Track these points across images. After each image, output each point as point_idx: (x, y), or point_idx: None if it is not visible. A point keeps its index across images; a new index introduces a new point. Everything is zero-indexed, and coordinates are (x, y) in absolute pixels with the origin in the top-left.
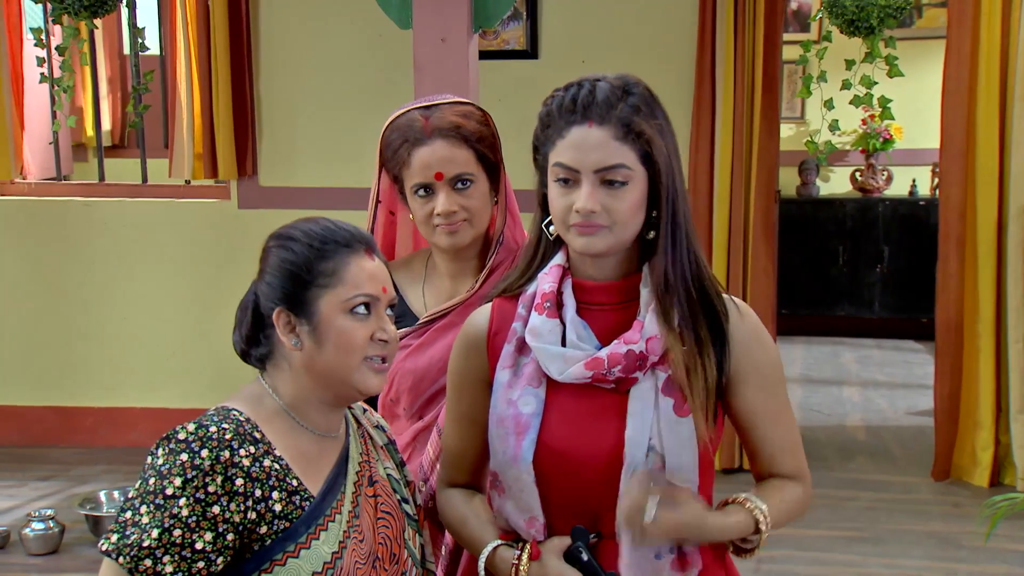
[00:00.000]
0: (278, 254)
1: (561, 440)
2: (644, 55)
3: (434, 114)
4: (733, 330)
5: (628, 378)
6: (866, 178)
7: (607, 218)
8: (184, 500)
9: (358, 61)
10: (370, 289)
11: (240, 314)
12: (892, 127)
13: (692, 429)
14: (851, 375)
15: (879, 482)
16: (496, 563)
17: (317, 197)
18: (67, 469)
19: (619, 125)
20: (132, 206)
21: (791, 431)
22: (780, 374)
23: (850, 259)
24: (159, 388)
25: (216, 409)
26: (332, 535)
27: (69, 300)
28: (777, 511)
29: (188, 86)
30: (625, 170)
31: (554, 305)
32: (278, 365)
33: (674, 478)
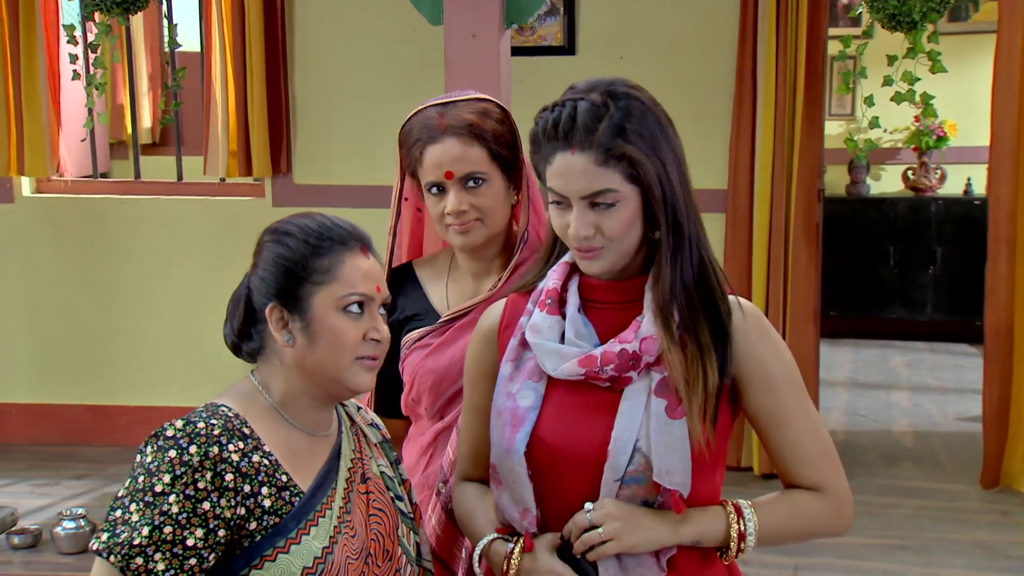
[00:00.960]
0: (273, 249)
1: (554, 435)
2: (683, 50)
3: (450, 111)
4: (736, 331)
5: (622, 377)
6: (918, 177)
7: (602, 239)
8: (174, 497)
9: (393, 57)
10: (364, 288)
11: (232, 307)
12: (946, 124)
13: (685, 432)
14: (900, 379)
15: (924, 489)
16: (490, 555)
17: (352, 195)
18: (101, 468)
19: (600, 150)
20: (167, 204)
21: (809, 438)
22: (790, 377)
23: (901, 260)
24: (194, 387)
25: (205, 405)
26: (322, 530)
27: (104, 298)
28: (778, 521)
29: (223, 83)
30: (612, 193)
31: (556, 302)
32: (269, 360)
33: (663, 480)
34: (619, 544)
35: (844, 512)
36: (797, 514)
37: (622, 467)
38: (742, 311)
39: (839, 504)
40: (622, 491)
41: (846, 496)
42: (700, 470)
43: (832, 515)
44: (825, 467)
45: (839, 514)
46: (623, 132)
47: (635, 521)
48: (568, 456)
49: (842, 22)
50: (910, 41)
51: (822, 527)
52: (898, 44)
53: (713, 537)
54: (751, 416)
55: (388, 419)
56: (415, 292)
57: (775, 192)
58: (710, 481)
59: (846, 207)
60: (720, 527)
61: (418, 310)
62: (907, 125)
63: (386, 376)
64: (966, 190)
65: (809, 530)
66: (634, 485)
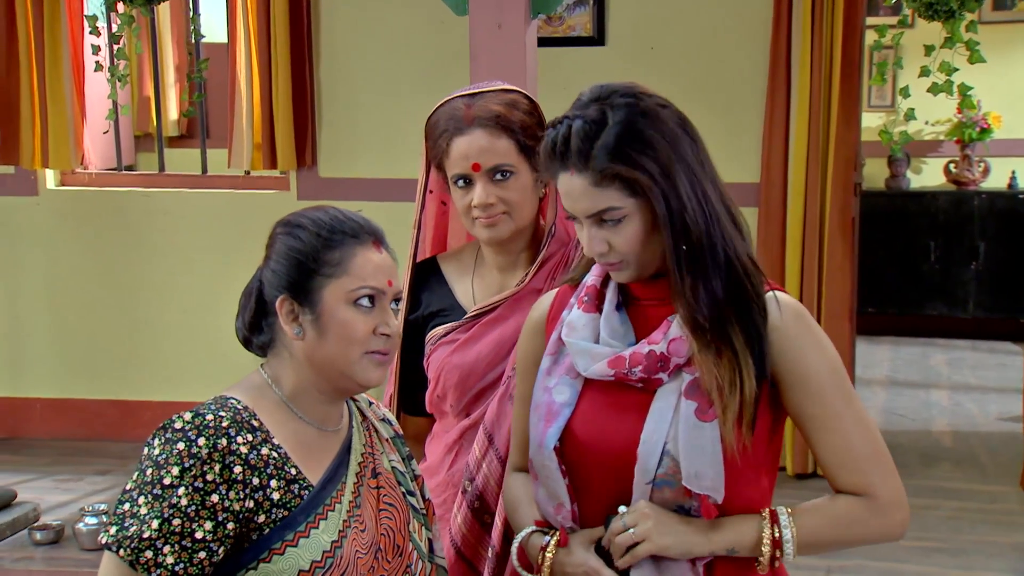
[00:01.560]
0: (285, 241)
1: (586, 433)
2: (716, 40)
3: (477, 102)
4: (772, 331)
5: (652, 379)
6: (961, 170)
7: (616, 254)
8: (183, 489)
9: (419, 48)
10: (375, 282)
11: (244, 300)
12: (990, 116)
13: (716, 435)
14: (940, 378)
15: (963, 491)
16: (528, 548)
17: (377, 188)
18: (124, 464)
19: (594, 172)
20: (192, 197)
21: (855, 441)
22: (833, 376)
23: (942, 255)
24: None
25: (214, 398)
26: (332, 524)
27: (128, 292)
28: (818, 528)
29: (247, 75)
30: (614, 211)
31: (594, 299)
32: (279, 354)
33: (691, 484)
34: (651, 545)
35: (895, 518)
36: (840, 521)
37: (652, 469)
38: (779, 309)
39: (889, 510)
40: (654, 494)
41: (897, 501)
42: (738, 476)
43: (880, 522)
44: (873, 471)
45: (889, 521)
46: (619, 152)
47: (668, 523)
48: (599, 455)
49: (880, 11)
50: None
51: (870, 534)
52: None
53: (748, 545)
54: (793, 418)
55: (412, 416)
56: (440, 287)
57: (809, 186)
58: (752, 487)
59: (885, 201)
60: (754, 535)
61: (443, 306)
62: (949, 117)
63: (410, 372)
64: (1011, 184)
65: (855, 537)
66: (665, 488)
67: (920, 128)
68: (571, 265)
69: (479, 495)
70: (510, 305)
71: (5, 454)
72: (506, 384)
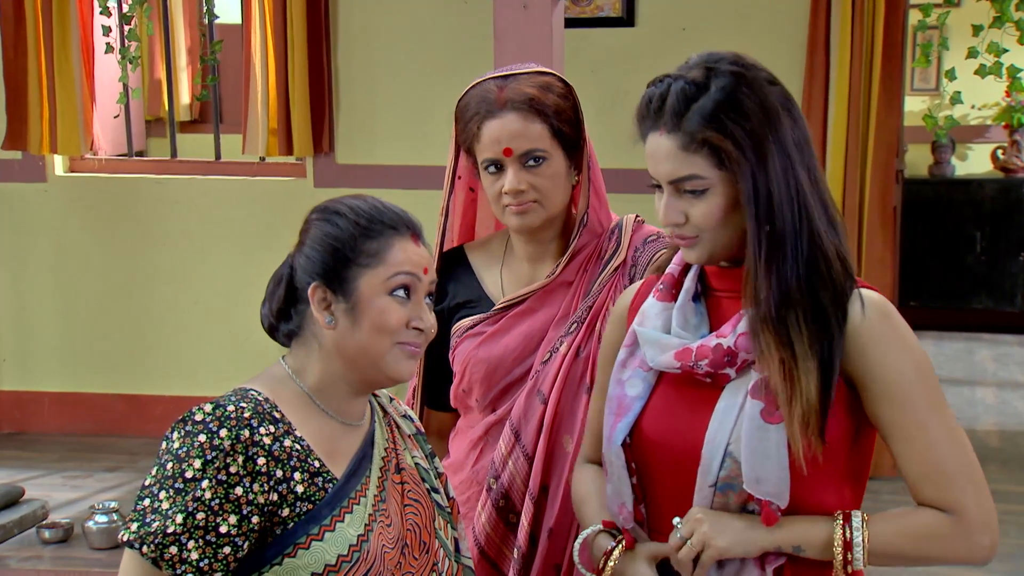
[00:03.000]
0: (321, 227)
1: (655, 430)
2: (750, 20)
3: (510, 85)
4: (850, 332)
5: (720, 374)
6: (1009, 156)
7: (692, 228)
8: (207, 482)
9: (440, 30)
10: (411, 269)
11: (272, 286)
12: None
13: (783, 438)
14: (986, 374)
15: (1011, 493)
16: (592, 548)
17: (397, 176)
18: (134, 460)
19: (685, 135)
20: (205, 184)
21: (938, 453)
22: (918, 383)
23: (989, 246)
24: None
25: (234, 390)
26: (357, 518)
27: (139, 282)
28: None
29: (263, 58)
30: (697, 180)
31: (670, 288)
32: (307, 344)
33: (753, 489)
34: (712, 550)
35: (981, 542)
36: (917, 534)
37: (715, 471)
38: (862, 310)
39: (973, 531)
40: (716, 498)
41: (983, 522)
42: (810, 484)
43: (964, 543)
44: (957, 487)
45: (973, 544)
46: (715, 118)
47: (724, 523)
48: (667, 454)
49: None
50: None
51: (950, 554)
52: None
53: (815, 544)
54: (875, 425)
55: (436, 411)
56: (467, 278)
57: (848, 173)
58: (829, 496)
59: (929, 189)
60: (823, 534)
61: (470, 297)
62: (996, 101)
63: (434, 366)
64: None
65: (932, 555)
66: (729, 492)
67: (966, 112)
68: (604, 257)
69: (504, 493)
70: (539, 297)
71: (12, 449)
72: (534, 379)
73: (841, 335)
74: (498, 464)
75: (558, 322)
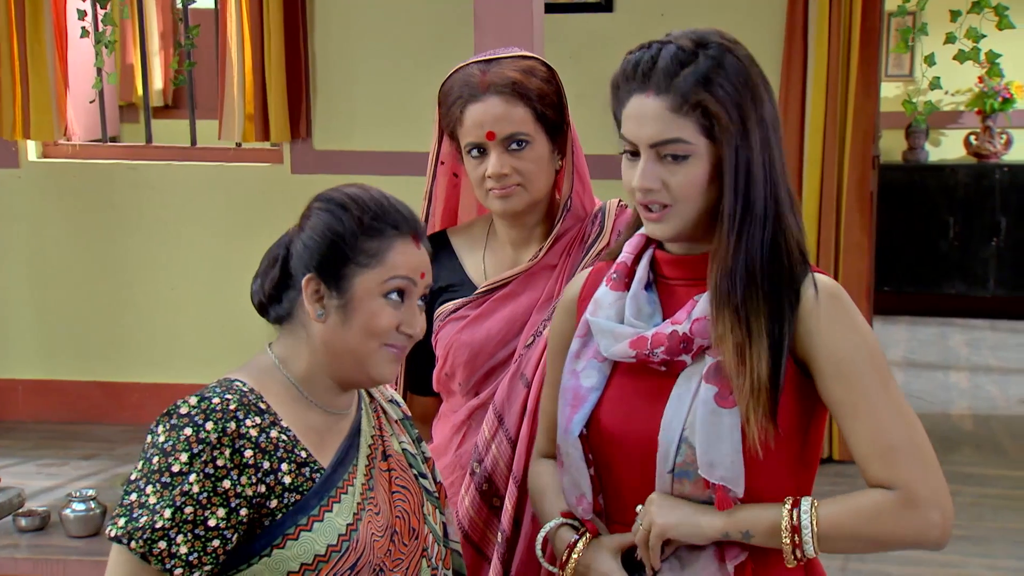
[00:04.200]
0: (324, 218)
1: (611, 420)
2: (729, 6)
3: (492, 68)
4: (802, 315)
5: (676, 361)
6: (981, 142)
7: (668, 196)
8: (194, 476)
9: (419, 14)
10: (409, 273)
11: (266, 265)
12: (1013, 85)
13: (736, 423)
14: (959, 359)
15: (985, 476)
16: (555, 541)
17: (375, 162)
18: (111, 448)
19: (677, 96)
20: (180, 170)
21: (888, 433)
22: (868, 363)
23: (962, 232)
24: (209, 363)
25: (218, 381)
26: (346, 507)
27: (114, 269)
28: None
29: (239, 42)
30: (683, 144)
31: (623, 277)
32: (294, 332)
33: (707, 474)
34: (656, 528)
35: (926, 516)
36: (863, 513)
37: (671, 458)
38: (815, 292)
39: (920, 507)
40: (675, 485)
41: (935, 500)
42: (763, 469)
43: (910, 518)
44: (907, 465)
45: (922, 520)
46: (706, 82)
47: (671, 504)
48: (623, 443)
49: None
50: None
51: (900, 532)
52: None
53: (763, 529)
54: (828, 406)
55: (419, 396)
56: (450, 262)
57: (826, 158)
58: (783, 483)
59: (902, 175)
60: (771, 519)
61: (453, 281)
62: (969, 87)
63: (418, 350)
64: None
65: (881, 533)
66: (685, 480)
67: (939, 98)
68: (587, 241)
69: (488, 477)
70: (522, 281)
71: None
72: (517, 363)
73: (792, 317)
74: (481, 448)
75: (541, 306)
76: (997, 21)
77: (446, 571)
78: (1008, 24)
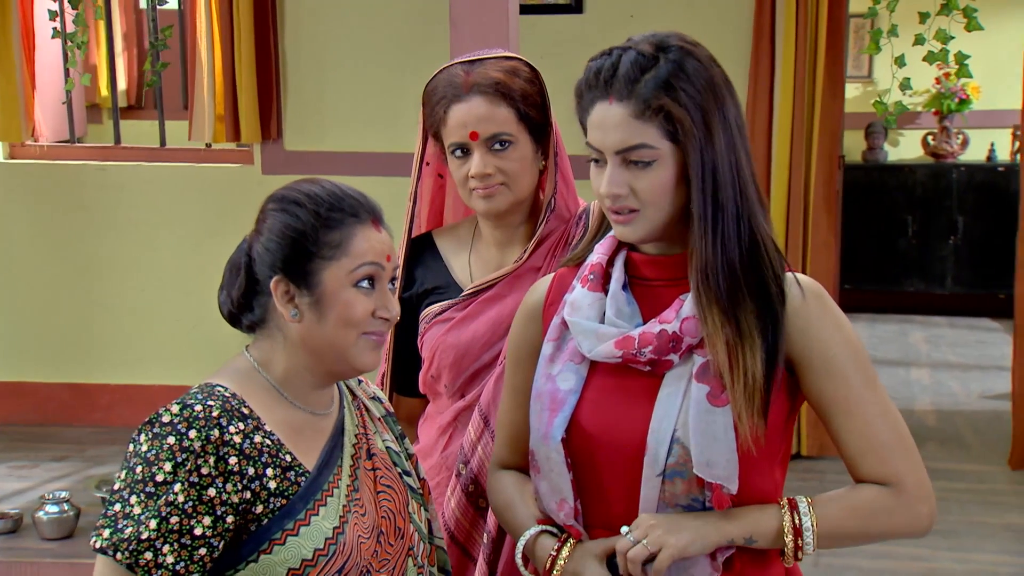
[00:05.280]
0: (280, 218)
1: (593, 422)
2: (697, 8)
3: (476, 69)
4: (790, 313)
5: (662, 361)
6: (939, 142)
7: (636, 201)
8: (179, 486)
9: (393, 15)
10: (375, 258)
11: (230, 275)
12: (969, 86)
13: (729, 421)
14: (920, 355)
15: (950, 471)
16: (536, 550)
17: (347, 162)
18: (82, 449)
19: (639, 102)
20: (150, 171)
21: (876, 427)
22: (854, 360)
23: (920, 230)
24: (180, 364)
25: (199, 387)
26: (331, 510)
27: (83, 270)
28: (838, 519)
29: (209, 42)
30: (647, 150)
31: (599, 278)
32: (270, 335)
33: (703, 473)
34: (670, 550)
35: (920, 510)
36: (859, 510)
37: (662, 459)
38: (801, 291)
39: (912, 501)
40: (665, 486)
41: (922, 492)
42: (752, 465)
43: (903, 513)
44: (895, 459)
45: (913, 512)
46: (668, 87)
47: (678, 522)
48: (607, 446)
49: None
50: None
51: (894, 526)
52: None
53: (766, 534)
54: (813, 403)
55: (405, 397)
56: (435, 264)
57: (794, 158)
58: (766, 477)
59: (862, 174)
60: (773, 523)
61: (439, 283)
62: (927, 88)
63: (404, 352)
64: (989, 156)
65: (876, 528)
66: (677, 479)
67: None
68: (571, 243)
69: (474, 478)
70: (508, 283)
71: None
72: (503, 364)
73: (783, 315)
74: (467, 450)
75: None
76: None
77: (431, 568)
78: (976, 26)
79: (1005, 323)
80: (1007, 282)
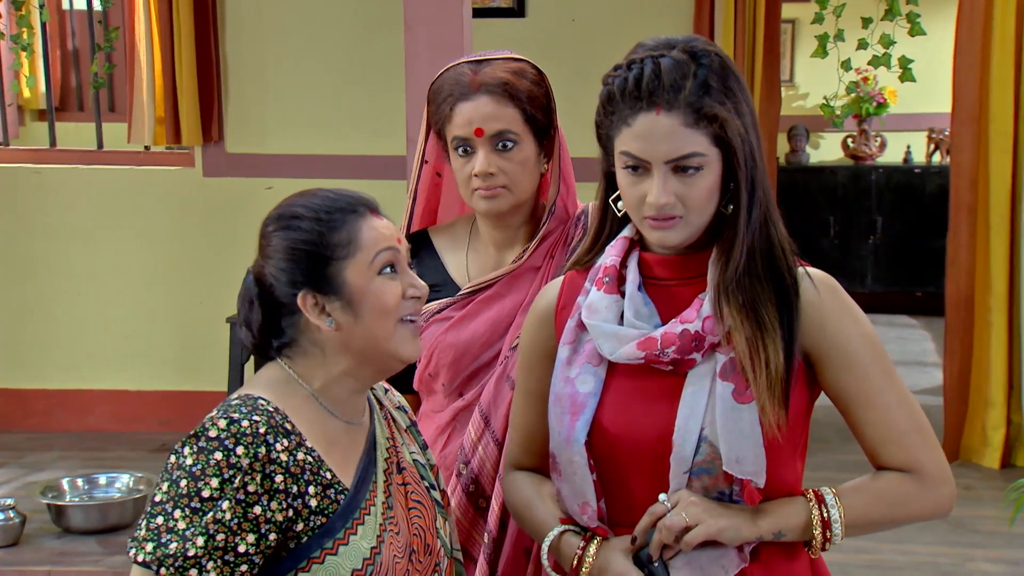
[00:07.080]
0: (284, 236)
1: (615, 423)
2: (638, 12)
3: (484, 69)
4: (807, 306)
5: (685, 360)
6: (858, 145)
7: (681, 208)
8: (227, 503)
9: (337, 17)
10: (387, 243)
11: (244, 310)
12: (886, 90)
13: (755, 416)
14: None
15: None
16: (561, 549)
17: (288, 165)
18: (20, 456)
19: (689, 110)
20: (87, 174)
21: (896, 415)
22: (872, 351)
23: (841, 230)
24: (118, 369)
25: (241, 399)
26: (369, 529)
27: (19, 274)
28: (864, 508)
29: (148, 43)
30: (699, 157)
31: (614, 280)
32: (306, 352)
33: (733, 469)
34: (706, 527)
35: (942, 493)
36: (885, 498)
37: (689, 457)
38: (814, 284)
39: (934, 484)
40: (692, 483)
41: (942, 475)
42: (776, 458)
43: (926, 497)
44: (916, 446)
45: (936, 496)
46: (710, 90)
47: (717, 509)
48: (631, 446)
49: None
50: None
51: (916, 511)
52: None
53: (796, 529)
54: (832, 395)
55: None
56: (432, 261)
57: None
58: (789, 470)
59: (785, 176)
60: (802, 517)
61: (436, 280)
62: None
63: None
64: (906, 158)
65: (901, 515)
66: (704, 476)
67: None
68: (571, 244)
69: (474, 479)
70: (507, 282)
71: None
72: (503, 365)
73: (799, 307)
74: (468, 450)
75: (526, 307)
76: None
77: None
78: (920, 30)
79: (922, 320)
80: (924, 280)
